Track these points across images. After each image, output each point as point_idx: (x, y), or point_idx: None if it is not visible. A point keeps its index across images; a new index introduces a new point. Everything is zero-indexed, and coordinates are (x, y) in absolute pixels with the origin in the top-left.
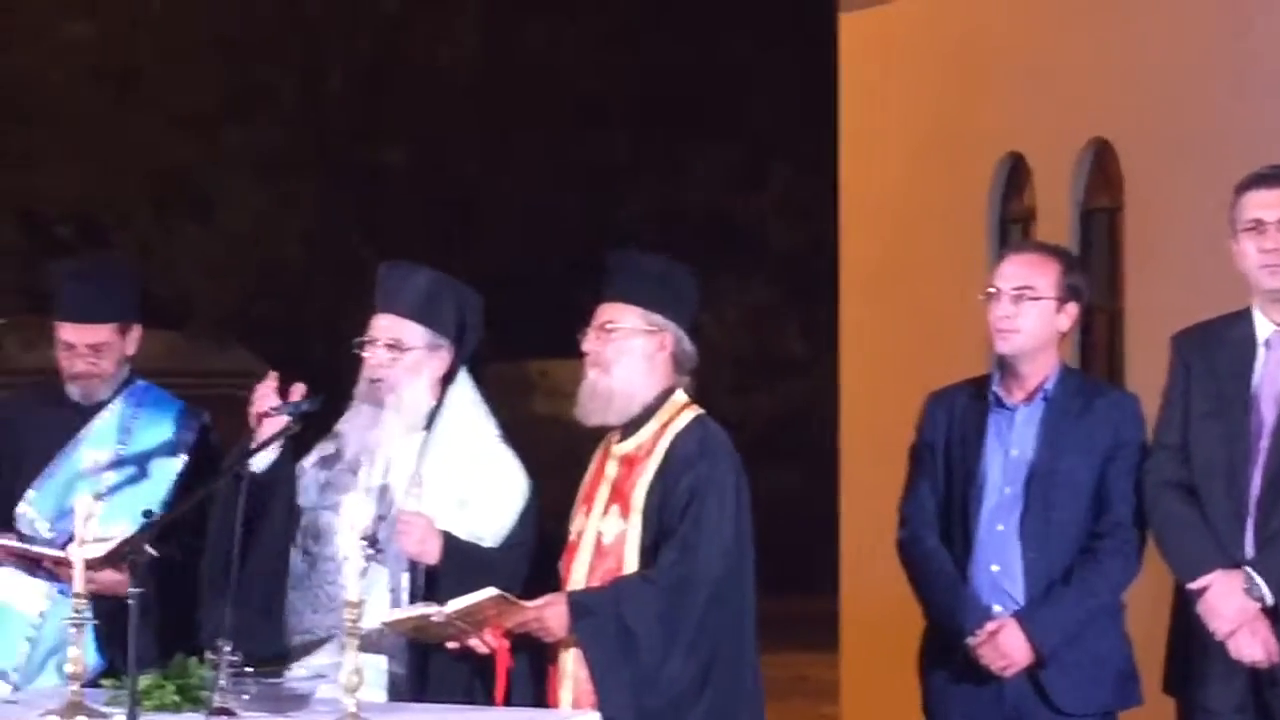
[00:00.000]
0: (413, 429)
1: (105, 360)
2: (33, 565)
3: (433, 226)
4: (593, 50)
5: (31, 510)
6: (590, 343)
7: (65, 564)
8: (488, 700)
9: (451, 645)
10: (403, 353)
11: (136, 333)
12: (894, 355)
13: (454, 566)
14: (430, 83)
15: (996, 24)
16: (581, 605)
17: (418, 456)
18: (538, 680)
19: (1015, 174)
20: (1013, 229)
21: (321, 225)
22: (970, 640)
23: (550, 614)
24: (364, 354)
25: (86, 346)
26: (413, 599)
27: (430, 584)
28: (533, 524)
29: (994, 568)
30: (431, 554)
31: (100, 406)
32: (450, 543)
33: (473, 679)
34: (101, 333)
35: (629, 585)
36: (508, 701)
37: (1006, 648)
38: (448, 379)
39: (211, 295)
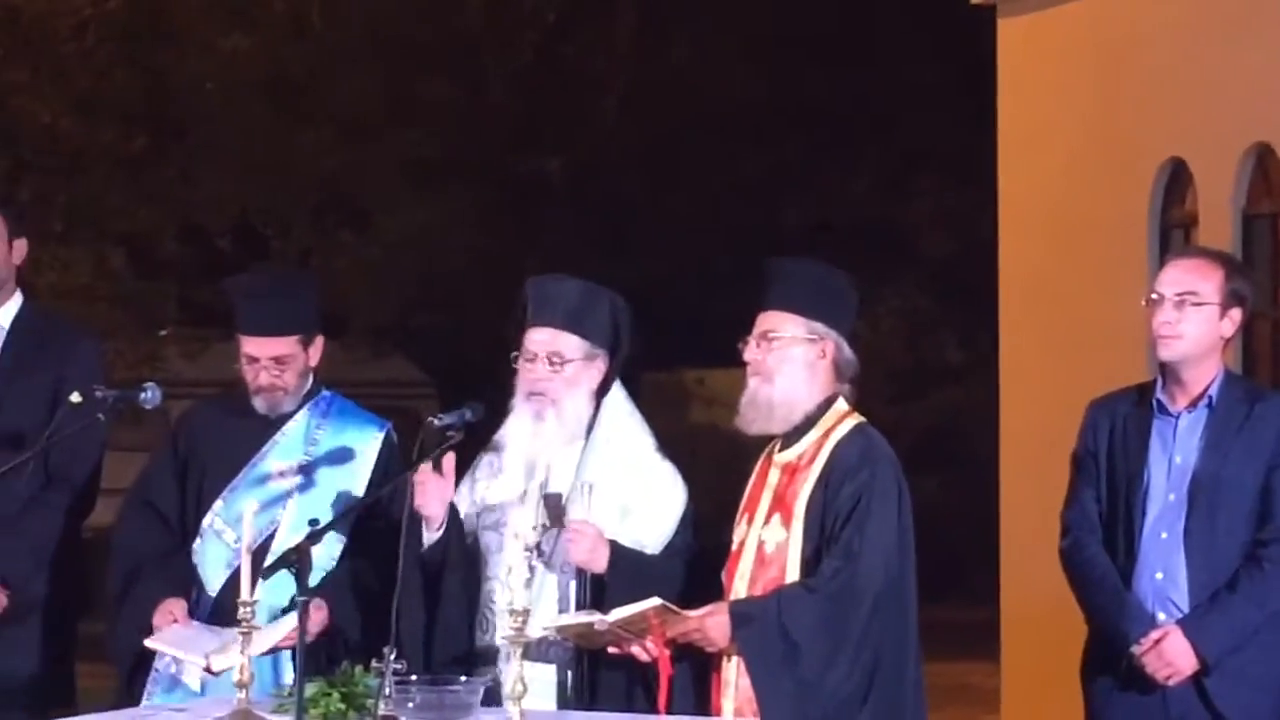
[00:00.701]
0: (574, 439)
1: (289, 373)
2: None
3: (590, 235)
4: (748, 58)
5: (219, 520)
6: (751, 352)
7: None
8: (649, 708)
9: (613, 650)
10: (563, 365)
11: (319, 344)
12: (1054, 362)
13: (621, 575)
14: (588, 91)
15: (1157, 29)
16: (743, 615)
17: (578, 465)
18: (700, 688)
19: (1176, 179)
20: (1174, 235)
21: (480, 235)
22: (1134, 648)
23: (712, 623)
24: (523, 367)
25: (270, 359)
26: (579, 607)
27: (597, 592)
28: (691, 531)
29: (1158, 575)
30: (600, 562)
31: (286, 417)
32: (617, 551)
33: (633, 687)
34: (284, 345)
35: (790, 594)
36: (669, 709)
37: (1171, 656)
38: (603, 387)
39: (370, 305)
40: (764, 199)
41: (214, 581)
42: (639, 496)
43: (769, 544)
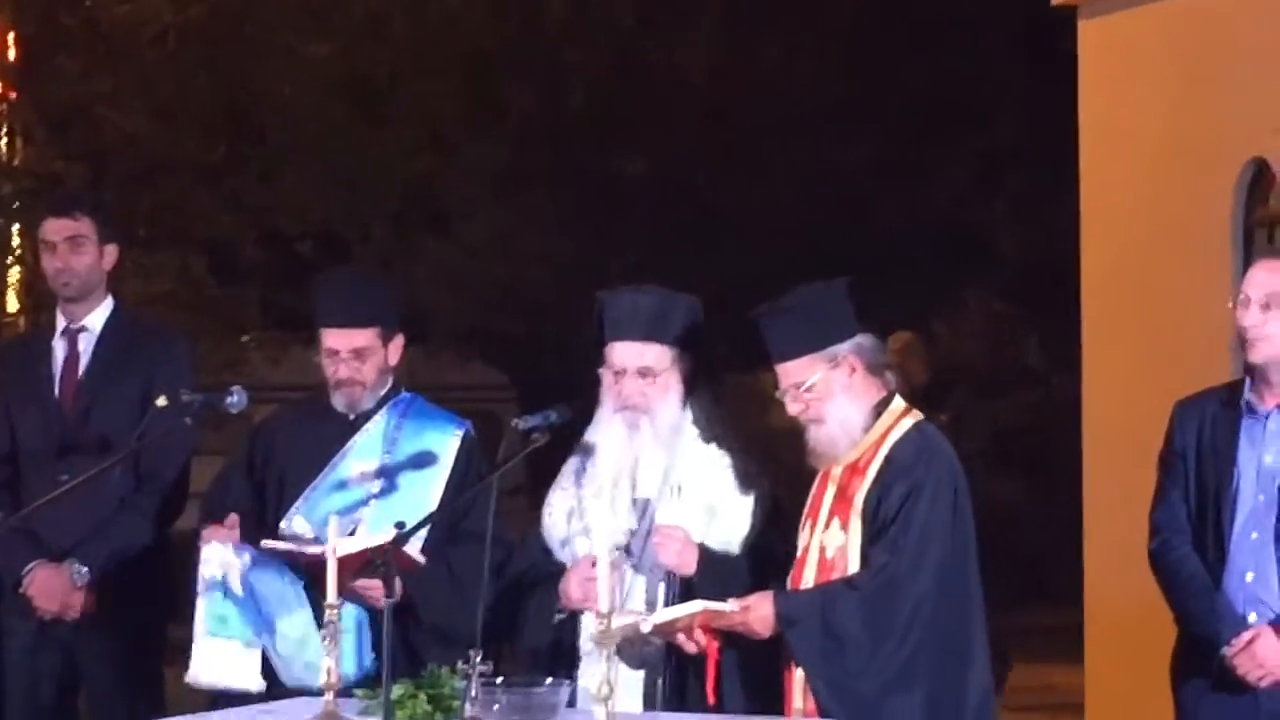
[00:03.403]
0: (666, 446)
1: (368, 366)
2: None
3: (673, 239)
4: (830, 58)
5: (300, 520)
6: (792, 407)
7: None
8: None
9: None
10: (654, 377)
11: (399, 343)
12: (1137, 363)
13: (708, 577)
14: (670, 94)
15: (1239, 28)
16: (788, 616)
17: (666, 469)
18: (769, 685)
19: (1259, 180)
20: (1257, 235)
21: (561, 239)
22: (1225, 650)
23: (754, 618)
24: (610, 380)
25: (349, 351)
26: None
27: (685, 594)
28: (774, 529)
29: (1249, 576)
30: (689, 565)
31: (365, 418)
32: (705, 554)
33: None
34: (363, 336)
35: (835, 591)
36: (717, 695)
37: (1263, 657)
38: (688, 389)
39: (451, 310)
40: (847, 201)
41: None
42: (725, 497)
43: (829, 548)
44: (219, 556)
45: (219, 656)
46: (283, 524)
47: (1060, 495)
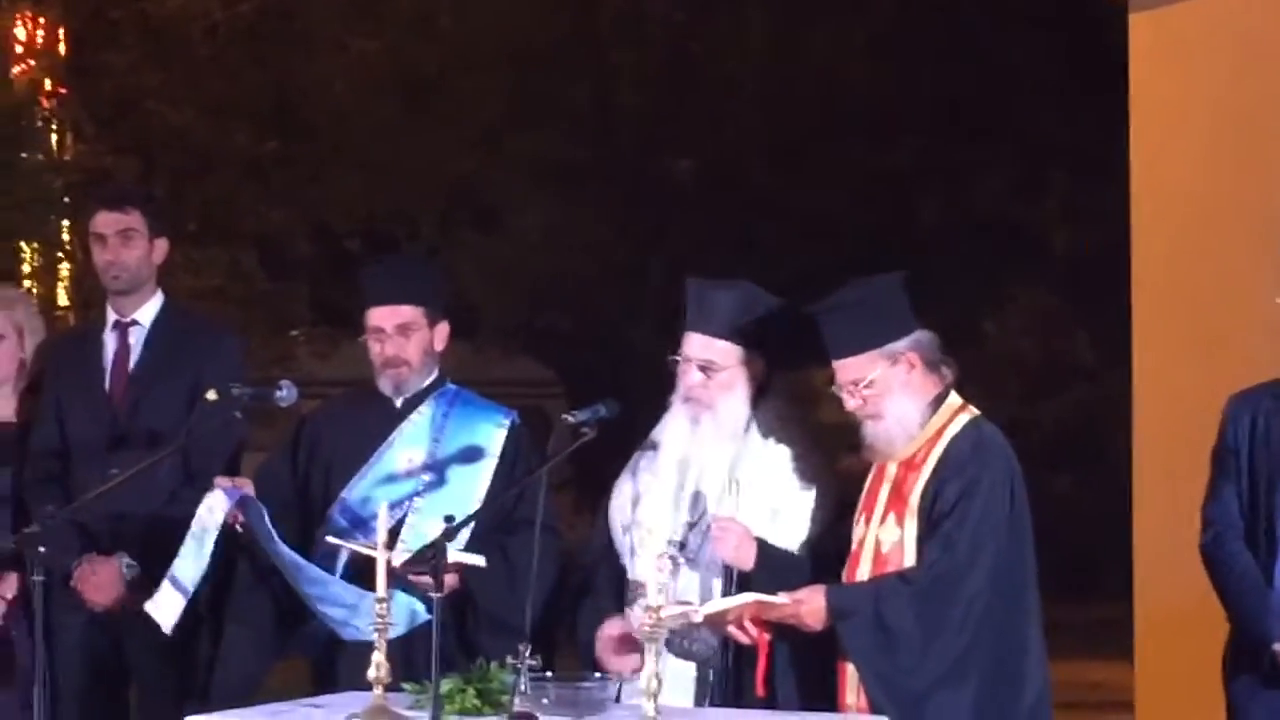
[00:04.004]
0: (730, 440)
1: (412, 345)
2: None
3: (720, 236)
4: (878, 56)
5: (347, 508)
6: (850, 402)
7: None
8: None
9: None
10: (717, 373)
11: (444, 330)
12: (1188, 359)
13: (767, 573)
14: (718, 92)
15: None
16: (841, 610)
17: (731, 464)
18: (822, 680)
19: None
20: None
21: (608, 235)
22: (1277, 646)
23: (806, 610)
24: (680, 370)
25: (394, 327)
26: None
27: (743, 589)
28: (819, 525)
29: None
30: (747, 560)
31: (412, 406)
32: (764, 549)
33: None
34: (407, 313)
35: (888, 586)
36: (768, 687)
37: None
38: (763, 387)
39: (498, 305)
40: (896, 197)
41: (337, 570)
42: (790, 496)
43: (885, 543)
44: (213, 501)
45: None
46: (331, 510)
47: (1109, 490)
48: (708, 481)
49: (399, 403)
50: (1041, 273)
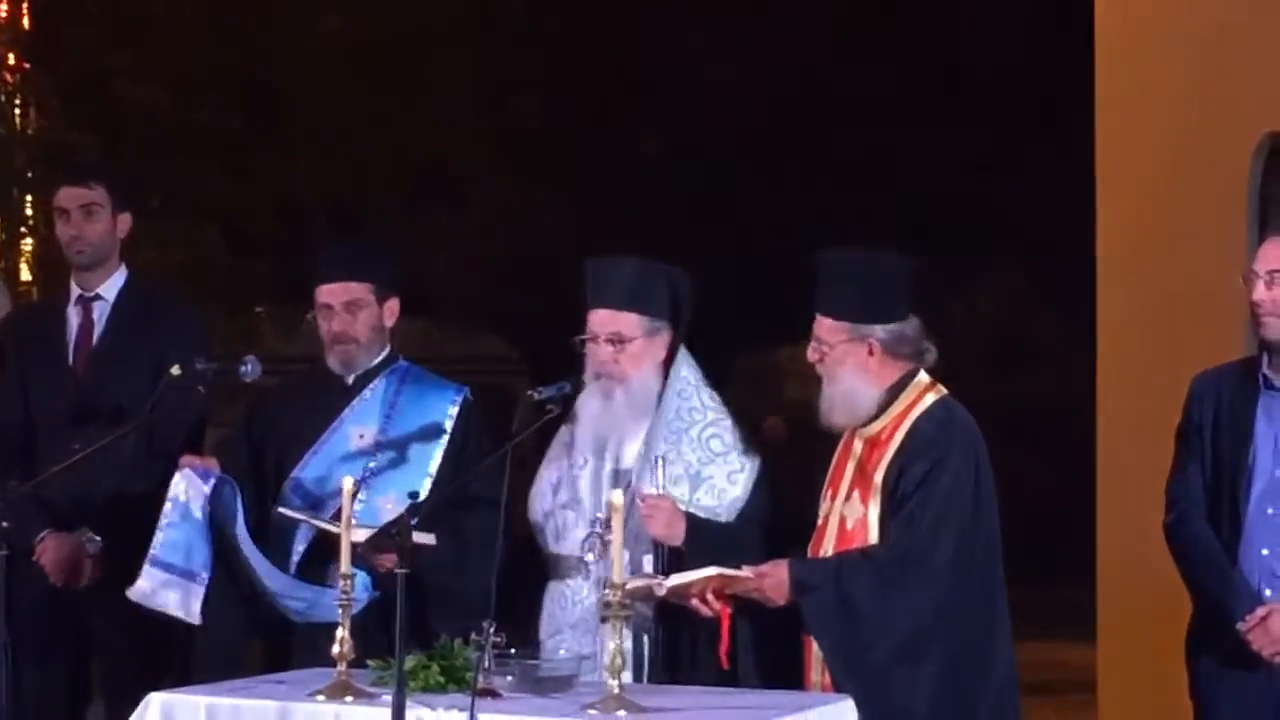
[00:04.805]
0: (643, 414)
1: (360, 321)
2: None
3: (685, 215)
4: (843, 41)
5: (299, 484)
6: (811, 353)
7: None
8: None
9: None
10: (625, 344)
11: (394, 305)
12: (1153, 340)
13: (699, 547)
14: (686, 68)
15: (1257, 2)
16: (803, 583)
17: (648, 438)
18: (788, 658)
19: (1276, 155)
20: (1273, 210)
21: (574, 213)
22: (1240, 625)
23: (770, 584)
24: (588, 349)
25: (341, 305)
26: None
27: (674, 565)
28: (767, 497)
29: (1264, 551)
30: (677, 536)
31: (363, 384)
32: (693, 523)
33: (705, 652)
34: (355, 290)
35: (850, 561)
36: (731, 660)
37: (1277, 633)
38: (669, 359)
39: (463, 282)
40: (861, 178)
41: (296, 547)
42: (709, 464)
43: (849, 520)
44: (186, 483)
45: (164, 581)
46: (285, 485)
47: (1072, 470)
48: (628, 458)
49: (350, 380)
50: (1008, 252)
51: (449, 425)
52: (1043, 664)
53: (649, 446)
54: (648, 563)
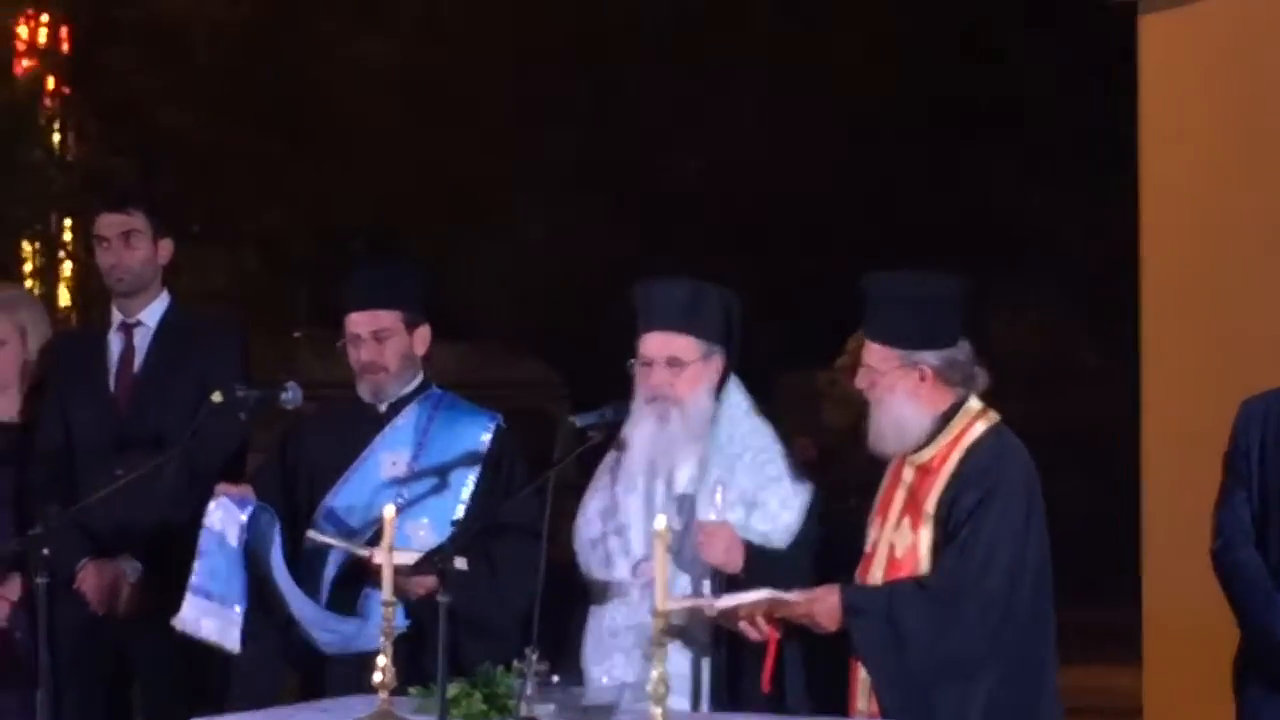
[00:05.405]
0: (698, 438)
1: (389, 350)
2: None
3: (725, 238)
4: (881, 59)
5: (331, 512)
6: (860, 379)
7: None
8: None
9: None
10: (681, 368)
11: (425, 333)
12: (1199, 363)
13: (756, 575)
14: (725, 94)
15: None
16: (854, 607)
17: (702, 464)
18: (836, 683)
19: None
20: None
21: (615, 237)
22: None
23: (820, 609)
24: (640, 372)
25: (370, 333)
26: None
27: (731, 589)
28: (817, 522)
29: None
30: (736, 563)
31: (395, 411)
32: (751, 550)
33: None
34: (383, 319)
35: (903, 589)
36: (774, 682)
37: None
38: (722, 383)
39: (505, 307)
40: (904, 199)
41: (328, 572)
42: (764, 489)
43: (899, 547)
44: (222, 511)
45: (205, 609)
46: (317, 514)
47: (1117, 495)
48: (683, 481)
49: (383, 408)
50: (1050, 274)
51: (483, 452)
52: (1089, 688)
53: (703, 471)
54: (705, 588)
